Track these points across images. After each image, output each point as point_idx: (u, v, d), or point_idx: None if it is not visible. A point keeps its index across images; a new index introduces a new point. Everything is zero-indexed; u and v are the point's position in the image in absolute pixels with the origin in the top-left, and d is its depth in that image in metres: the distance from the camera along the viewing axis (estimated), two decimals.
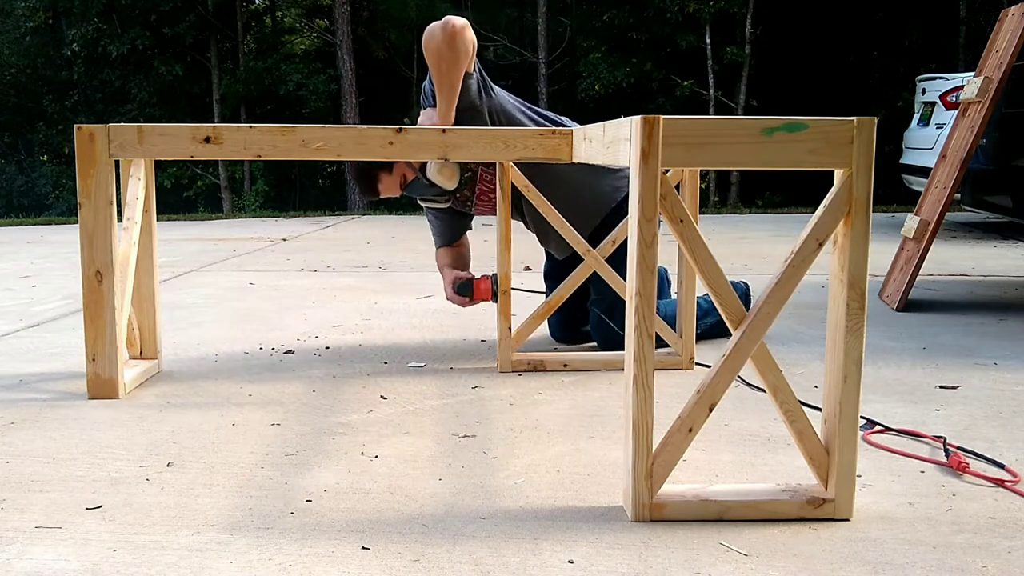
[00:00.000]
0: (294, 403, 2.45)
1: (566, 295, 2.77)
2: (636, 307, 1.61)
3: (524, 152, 2.48)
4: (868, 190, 1.59)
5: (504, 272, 2.73)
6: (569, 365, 2.78)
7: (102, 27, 15.58)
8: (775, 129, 1.57)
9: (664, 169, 1.58)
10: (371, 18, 16.81)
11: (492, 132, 2.48)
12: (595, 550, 1.54)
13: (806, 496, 1.67)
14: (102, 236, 2.46)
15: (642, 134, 1.56)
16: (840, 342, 1.62)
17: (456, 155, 2.47)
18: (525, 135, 2.49)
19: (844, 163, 1.59)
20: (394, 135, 2.42)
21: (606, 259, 2.73)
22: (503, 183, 2.67)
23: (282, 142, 2.41)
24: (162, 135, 2.43)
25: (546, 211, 2.72)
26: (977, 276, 4.16)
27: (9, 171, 17.83)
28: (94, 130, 2.43)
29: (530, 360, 2.78)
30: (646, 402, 1.62)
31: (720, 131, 1.59)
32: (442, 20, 2.59)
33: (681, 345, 2.78)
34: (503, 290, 2.73)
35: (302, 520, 1.68)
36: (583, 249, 2.73)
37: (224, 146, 2.42)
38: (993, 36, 3.65)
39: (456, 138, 2.45)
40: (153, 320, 2.79)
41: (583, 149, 2.32)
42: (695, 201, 2.66)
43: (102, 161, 2.43)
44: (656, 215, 1.59)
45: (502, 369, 2.75)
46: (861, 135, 1.58)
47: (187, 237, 6.57)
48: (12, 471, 1.95)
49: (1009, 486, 1.80)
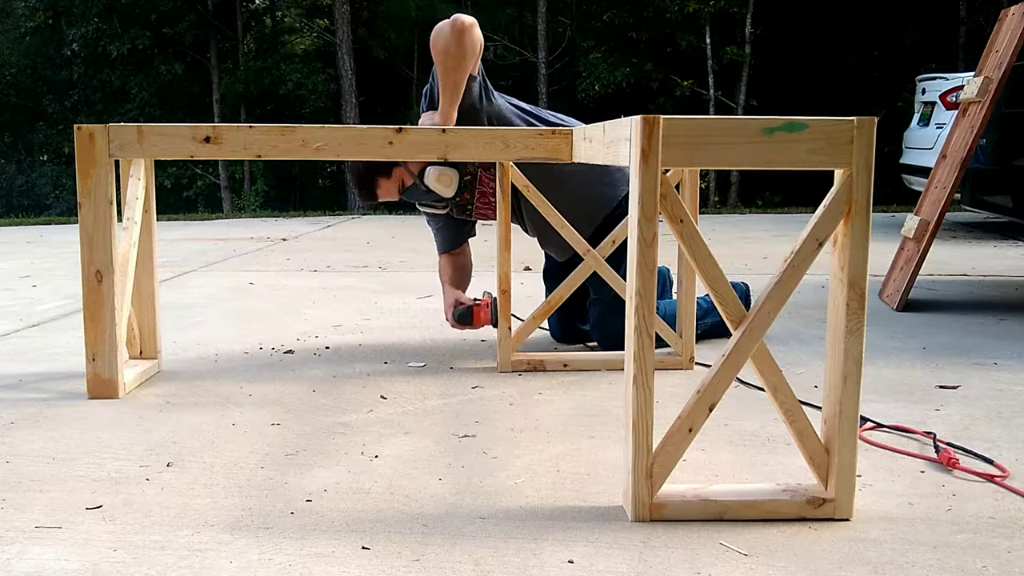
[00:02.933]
0: (294, 403, 2.45)
1: (566, 295, 2.77)
2: (636, 307, 1.61)
3: (524, 152, 2.48)
4: (868, 190, 1.59)
5: (504, 272, 2.73)
6: (569, 365, 2.78)
7: (102, 27, 15.58)
8: (775, 129, 1.57)
9: (664, 169, 1.58)
10: (371, 18, 16.81)
11: (492, 132, 2.48)
12: (595, 550, 1.54)
13: (806, 496, 1.67)
14: (102, 236, 2.46)
15: (642, 134, 1.56)
16: (840, 342, 1.62)
17: (456, 155, 2.47)
18: (525, 135, 2.49)
19: (844, 163, 1.59)
20: (394, 135, 2.42)
21: (605, 259, 2.73)
22: (503, 183, 2.67)
23: (282, 142, 2.41)
24: (162, 135, 2.43)
25: (546, 212, 2.72)
26: (977, 276, 4.15)
27: (9, 171, 17.83)
28: (94, 130, 2.43)
29: (530, 360, 2.78)
30: (646, 402, 1.62)
31: (720, 131, 1.58)
32: (451, 18, 2.59)
33: (681, 345, 2.78)
34: (503, 289, 2.73)
35: (302, 520, 1.68)
36: (583, 249, 2.73)
37: (224, 146, 2.42)
38: (993, 36, 3.65)
39: (456, 138, 2.45)
40: (153, 320, 2.79)
41: (583, 149, 2.32)
42: (695, 201, 2.66)
43: (102, 161, 2.43)
44: (656, 215, 1.59)
45: (502, 369, 2.75)
46: (861, 135, 1.58)
47: (187, 237, 6.57)
48: (12, 471, 1.95)
49: (999, 481, 1.80)
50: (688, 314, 2.74)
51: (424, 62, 16.11)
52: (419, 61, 16.23)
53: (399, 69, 16.53)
